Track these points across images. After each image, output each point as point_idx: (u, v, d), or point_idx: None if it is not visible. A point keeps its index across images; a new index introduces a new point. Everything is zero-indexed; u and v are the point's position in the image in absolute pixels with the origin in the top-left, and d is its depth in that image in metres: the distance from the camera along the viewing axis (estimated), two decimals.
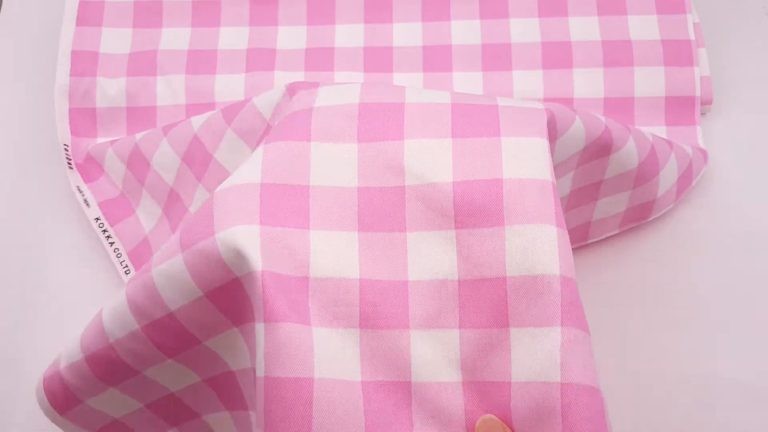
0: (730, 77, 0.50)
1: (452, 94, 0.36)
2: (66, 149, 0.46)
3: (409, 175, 0.33)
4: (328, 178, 0.33)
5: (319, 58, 0.49)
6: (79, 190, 0.45)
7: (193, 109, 0.48)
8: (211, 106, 0.48)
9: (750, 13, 0.51)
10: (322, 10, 0.50)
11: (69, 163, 0.46)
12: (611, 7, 0.48)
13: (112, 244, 0.44)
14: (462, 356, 0.31)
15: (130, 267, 0.43)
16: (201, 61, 0.49)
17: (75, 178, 0.46)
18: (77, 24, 0.49)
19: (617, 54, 0.47)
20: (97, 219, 0.44)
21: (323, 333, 0.31)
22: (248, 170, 0.33)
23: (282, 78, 0.48)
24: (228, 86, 0.49)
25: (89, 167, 0.47)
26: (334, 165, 0.34)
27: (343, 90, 0.36)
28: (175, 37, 0.50)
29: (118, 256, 0.44)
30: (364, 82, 0.43)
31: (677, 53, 0.47)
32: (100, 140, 0.48)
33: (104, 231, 0.44)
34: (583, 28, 0.48)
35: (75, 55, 0.48)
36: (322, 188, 0.33)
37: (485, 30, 0.48)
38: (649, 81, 0.47)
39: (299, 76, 0.49)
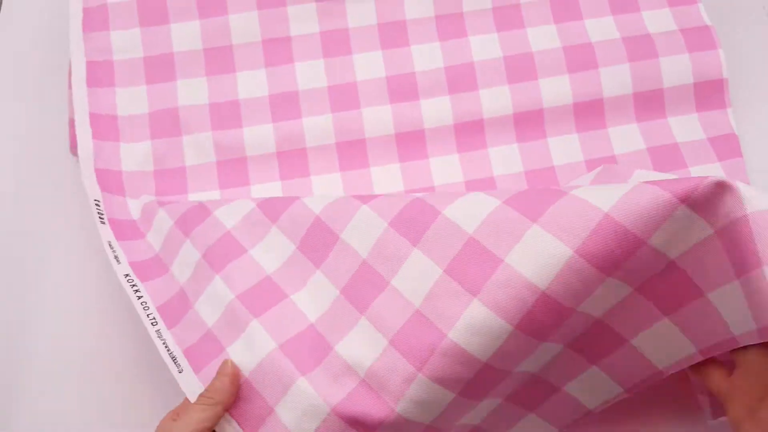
0: (729, 77, 0.49)
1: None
2: (97, 204, 0.43)
3: None
4: None
5: (344, 96, 0.48)
6: (110, 245, 0.42)
7: (224, 165, 0.47)
8: (242, 161, 0.47)
9: (750, 13, 0.52)
10: (336, 41, 0.49)
11: (101, 219, 0.43)
12: (623, 5, 0.49)
13: (140, 297, 0.40)
14: None
15: (158, 319, 0.39)
16: (225, 115, 0.48)
17: (106, 233, 0.42)
18: (88, 84, 0.47)
19: (640, 48, 0.47)
20: (127, 275, 0.41)
21: None
22: None
23: (311, 124, 0.47)
24: (258, 138, 0.47)
25: (126, 226, 0.44)
26: None
27: None
28: (192, 90, 0.48)
29: (146, 308, 0.40)
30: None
31: (699, 39, 0.47)
32: (131, 200, 0.45)
33: (133, 286, 0.40)
34: (601, 28, 0.48)
35: (94, 118, 0.46)
36: None
37: (504, 42, 0.48)
38: (676, 70, 0.47)
39: (327, 119, 0.48)
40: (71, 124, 0.48)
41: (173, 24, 0.49)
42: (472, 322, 0.31)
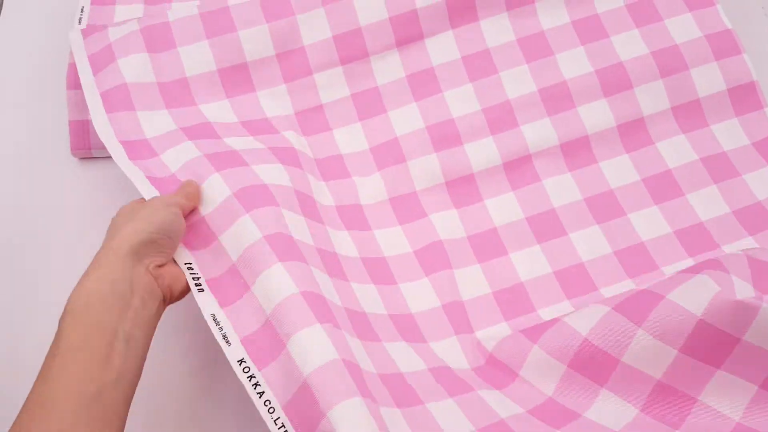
0: None
1: None
2: (190, 268, 0.38)
3: None
4: None
5: (388, 154, 0.48)
6: (214, 319, 0.35)
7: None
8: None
9: (750, 14, 0.54)
10: (369, 101, 0.49)
11: (198, 286, 0.37)
12: (645, 16, 0.49)
13: (261, 395, 0.33)
14: None
15: (286, 423, 0.32)
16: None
17: (207, 303, 0.36)
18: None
19: (670, 61, 0.48)
20: (241, 362, 0.34)
21: None
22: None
23: (362, 185, 0.47)
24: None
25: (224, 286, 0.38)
26: None
27: None
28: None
29: (270, 411, 0.32)
30: None
31: (723, 45, 0.48)
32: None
33: (250, 377, 0.33)
34: (628, 44, 0.48)
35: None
36: None
37: (535, 73, 0.48)
38: (708, 79, 0.48)
39: (375, 178, 0.47)
40: (71, 125, 0.48)
41: (202, 105, 0.47)
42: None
